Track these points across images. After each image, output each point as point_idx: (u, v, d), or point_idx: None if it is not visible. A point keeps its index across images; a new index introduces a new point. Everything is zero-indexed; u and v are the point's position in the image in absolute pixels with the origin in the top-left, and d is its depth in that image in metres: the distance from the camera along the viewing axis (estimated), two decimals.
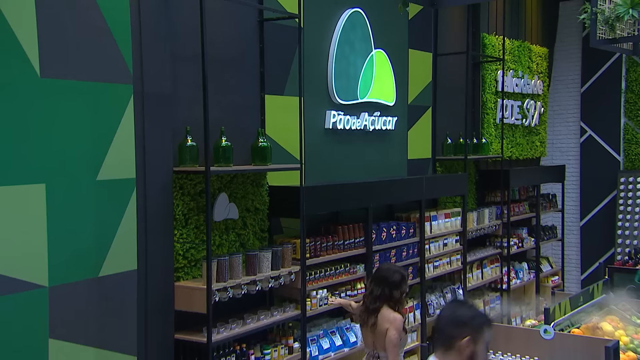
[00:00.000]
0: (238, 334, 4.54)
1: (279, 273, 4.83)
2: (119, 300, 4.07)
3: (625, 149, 9.57)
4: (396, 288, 4.43)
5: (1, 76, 3.41)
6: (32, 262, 3.58)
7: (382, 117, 6.41)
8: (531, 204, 8.80)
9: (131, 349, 4.12)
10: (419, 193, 6.38)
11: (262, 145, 4.80)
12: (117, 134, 4.02)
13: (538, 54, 9.23)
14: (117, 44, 3.99)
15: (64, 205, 3.74)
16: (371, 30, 6.20)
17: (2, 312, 3.42)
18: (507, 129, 8.43)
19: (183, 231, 4.51)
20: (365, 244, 5.80)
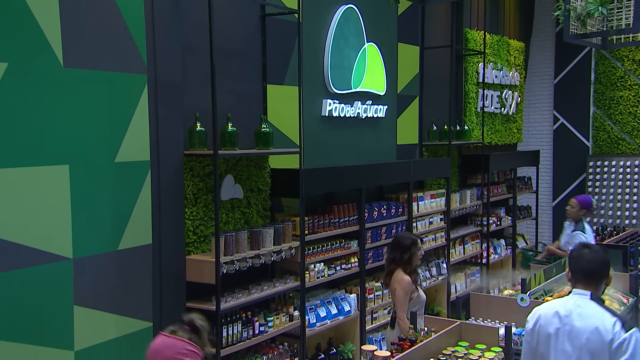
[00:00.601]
0: (244, 303, 4.56)
1: (280, 248, 4.83)
2: (136, 271, 4.11)
3: (594, 135, 9.61)
4: (406, 251, 4.60)
5: (28, 66, 3.44)
6: (58, 236, 3.63)
7: (374, 106, 6.41)
8: (508, 186, 8.84)
9: (147, 315, 4.17)
10: (407, 175, 6.40)
11: (264, 131, 4.79)
12: (133, 120, 4.05)
13: (515, 48, 9.25)
14: (132, 37, 4.01)
15: (85, 185, 3.77)
16: (364, 25, 6.19)
17: (32, 281, 3.49)
18: (487, 117, 8.46)
19: (193, 209, 4.53)
20: (358, 222, 5.81)
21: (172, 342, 2.62)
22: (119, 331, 3.99)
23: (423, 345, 3.78)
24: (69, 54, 3.63)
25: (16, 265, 3.42)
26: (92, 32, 3.78)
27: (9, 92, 3.35)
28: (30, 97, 3.46)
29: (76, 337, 3.71)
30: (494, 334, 4.01)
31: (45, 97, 3.53)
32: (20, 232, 3.43)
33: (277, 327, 4.85)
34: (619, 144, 9.44)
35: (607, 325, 2.93)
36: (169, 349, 2.60)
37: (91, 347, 3.80)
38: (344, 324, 5.67)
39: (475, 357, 3.74)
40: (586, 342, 2.94)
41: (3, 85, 3.32)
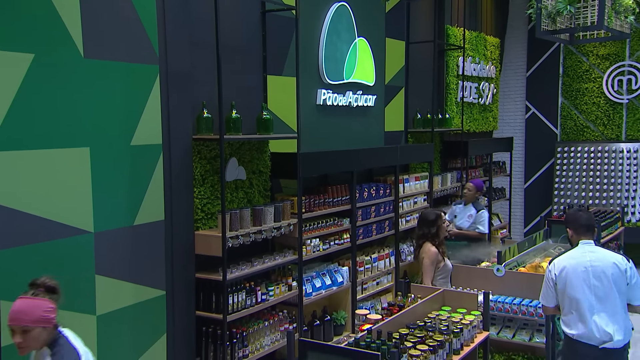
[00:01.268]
0: (247, 274, 4.59)
1: (280, 224, 4.86)
2: (150, 244, 4.14)
3: (562, 123, 9.66)
4: (432, 225, 4.71)
5: (52, 57, 3.45)
6: (81, 212, 3.66)
7: (364, 95, 6.42)
8: (485, 170, 8.85)
9: (161, 284, 4.22)
10: (394, 159, 6.41)
11: (265, 117, 4.80)
12: (146, 107, 4.06)
13: (491, 44, 9.27)
14: (145, 31, 4.01)
15: (104, 166, 3.79)
16: (355, 21, 6.19)
17: (59, 252, 3.53)
18: (466, 107, 8.47)
19: (201, 189, 4.55)
20: (350, 201, 5.82)
21: (38, 303, 2.63)
22: (135, 298, 4.03)
23: (410, 309, 3.84)
24: (88, 45, 3.64)
25: (45, 238, 3.45)
26: (109, 25, 3.79)
27: (36, 81, 3.37)
28: (54, 85, 3.47)
29: (98, 303, 3.76)
30: (474, 299, 4.08)
31: (68, 86, 3.55)
32: (48, 208, 3.46)
33: (277, 296, 4.89)
34: (584, 131, 9.50)
35: (619, 260, 3.76)
36: (36, 309, 2.61)
37: (111, 312, 3.85)
38: (337, 294, 5.71)
39: (457, 319, 3.79)
40: (611, 275, 3.71)
41: (30, 75, 3.33)
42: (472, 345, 3.71)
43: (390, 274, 6.50)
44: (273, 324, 4.89)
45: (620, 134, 9.24)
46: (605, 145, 9.20)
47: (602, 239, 6.54)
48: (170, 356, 4.32)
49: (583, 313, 3.71)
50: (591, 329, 3.68)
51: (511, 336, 4.78)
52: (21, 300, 2.66)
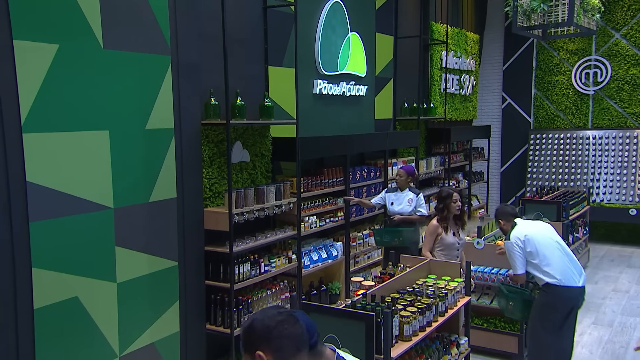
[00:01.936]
0: (251, 247, 4.63)
1: (280, 203, 4.88)
2: (164, 219, 4.15)
3: (535, 113, 9.73)
4: (442, 201, 4.71)
5: (75, 47, 3.46)
6: (102, 189, 3.67)
7: (356, 86, 6.44)
8: (465, 155, 8.93)
9: (174, 256, 4.24)
10: (383, 144, 6.45)
11: (267, 105, 4.80)
12: (160, 94, 4.05)
13: (472, 39, 9.31)
14: (158, 24, 4.00)
15: (122, 147, 3.79)
16: (348, 17, 6.20)
17: (83, 225, 3.55)
18: (448, 97, 8.52)
19: (209, 170, 4.57)
20: (344, 182, 5.89)
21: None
22: (151, 268, 4.06)
23: (400, 277, 3.90)
24: (107, 37, 3.64)
25: (70, 212, 3.48)
26: (126, 19, 3.78)
27: (60, 69, 3.37)
28: (77, 74, 3.48)
29: (118, 272, 3.79)
30: (457, 268, 4.14)
31: (89, 74, 3.55)
32: (73, 186, 3.48)
33: (278, 267, 4.93)
34: (554, 120, 9.58)
35: (548, 223, 4.38)
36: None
37: (129, 280, 3.88)
38: (332, 266, 5.78)
39: (442, 285, 3.87)
40: (552, 233, 4.24)
41: (55, 64, 3.34)
42: (455, 309, 3.80)
43: (380, 248, 6.54)
44: (275, 293, 4.93)
45: (587, 123, 9.33)
46: (573, 132, 9.29)
47: (570, 216, 6.67)
48: (183, 321, 4.36)
49: (559, 263, 4.07)
50: (570, 273, 4.06)
51: (489, 302, 4.90)
52: None
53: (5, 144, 3.14)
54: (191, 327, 4.44)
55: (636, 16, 8.80)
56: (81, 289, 3.55)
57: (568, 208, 6.61)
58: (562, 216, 6.41)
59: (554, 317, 4.02)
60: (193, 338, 4.45)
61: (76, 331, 3.52)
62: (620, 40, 8.96)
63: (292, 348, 1.55)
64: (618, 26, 8.93)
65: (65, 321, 3.46)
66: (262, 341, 1.55)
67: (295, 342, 1.56)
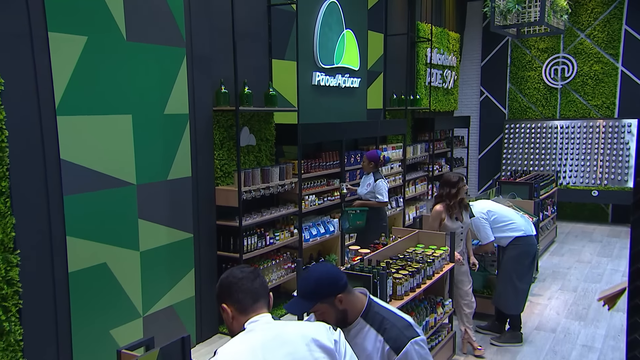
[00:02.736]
0: (258, 222, 4.69)
1: (284, 182, 4.93)
2: (181, 196, 4.21)
3: (509, 105, 9.73)
4: (454, 185, 4.10)
5: (101, 39, 3.49)
6: (126, 167, 3.72)
7: (350, 78, 6.45)
8: (447, 142, 8.93)
9: (189, 229, 4.31)
10: (374, 131, 6.48)
11: (271, 94, 4.85)
12: (176, 82, 4.09)
13: (453, 38, 9.32)
14: (175, 19, 4.04)
15: (144, 130, 3.84)
16: (343, 16, 6.21)
17: (110, 199, 3.61)
18: (433, 90, 8.53)
19: (220, 152, 4.60)
20: (340, 165, 5.91)
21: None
22: (169, 239, 4.13)
23: (392, 245, 3.94)
24: (130, 31, 3.67)
25: (99, 187, 3.54)
26: (146, 14, 3.81)
27: (89, 59, 3.41)
28: (103, 63, 3.51)
29: (140, 242, 3.86)
30: (442, 238, 4.18)
31: (114, 64, 3.58)
32: (100, 163, 3.53)
33: (282, 240, 4.99)
34: (527, 111, 9.61)
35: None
36: None
37: (151, 249, 3.95)
38: (329, 240, 5.84)
39: (429, 252, 3.96)
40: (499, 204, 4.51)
41: (84, 54, 3.37)
42: (441, 273, 3.86)
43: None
44: (278, 263, 5.00)
45: (555, 114, 9.39)
46: (543, 122, 9.37)
47: (540, 196, 6.78)
48: (198, 286, 4.45)
49: (519, 218, 4.47)
50: (528, 225, 4.48)
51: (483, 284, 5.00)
52: None
53: (42, 126, 3.18)
54: (205, 293, 4.52)
55: (598, 18, 8.89)
56: (109, 256, 3.61)
57: (539, 189, 6.70)
58: (533, 195, 6.51)
59: (525, 262, 4.37)
60: (206, 302, 4.54)
61: (105, 293, 3.60)
62: (585, 40, 9.04)
63: (250, 300, 1.55)
64: (583, 27, 9.01)
65: (96, 284, 3.53)
66: (225, 295, 1.59)
67: (252, 294, 1.56)
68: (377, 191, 5.25)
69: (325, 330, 1.48)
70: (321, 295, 1.73)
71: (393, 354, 1.72)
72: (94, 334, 3.53)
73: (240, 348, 1.41)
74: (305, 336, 1.44)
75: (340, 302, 1.75)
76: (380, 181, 5.28)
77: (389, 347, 1.73)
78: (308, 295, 1.74)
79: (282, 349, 1.41)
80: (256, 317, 1.53)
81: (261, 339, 1.43)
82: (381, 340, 1.74)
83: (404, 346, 1.71)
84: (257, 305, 1.55)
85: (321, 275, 1.74)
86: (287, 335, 1.44)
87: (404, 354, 1.70)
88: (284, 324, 1.50)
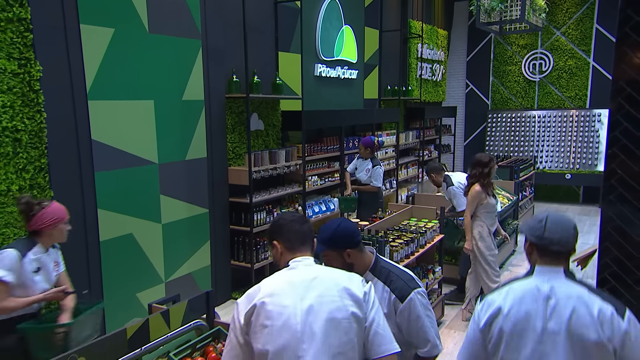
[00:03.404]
0: (266, 199, 4.74)
1: (289, 164, 4.99)
2: (197, 174, 4.26)
3: (492, 96, 9.74)
4: (485, 166, 3.96)
5: (127, 31, 3.51)
6: (149, 148, 3.76)
7: (349, 70, 6.44)
8: (436, 130, 8.97)
9: (205, 204, 4.36)
10: (371, 119, 6.50)
11: (278, 83, 4.87)
12: (193, 72, 4.11)
13: (442, 35, 9.31)
14: (191, 14, 4.05)
15: (164, 114, 3.87)
16: (342, 13, 6.20)
17: (135, 176, 3.66)
18: (423, 82, 8.54)
19: (231, 135, 4.63)
20: (339, 149, 5.95)
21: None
22: (188, 213, 4.18)
23: (388, 218, 4.07)
24: (152, 24, 3.69)
25: (125, 165, 3.58)
26: (166, 9, 3.83)
27: (116, 49, 3.44)
28: (129, 53, 3.54)
29: (162, 215, 3.91)
30: (432, 212, 4.32)
31: (138, 53, 3.61)
32: (127, 144, 3.58)
33: None
34: (508, 102, 9.63)
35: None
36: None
37: (171, 222, 4.01)
38: (330, 217, 5.81)
39: (422, 224, 4.07)
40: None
41: (112, 44, 3.40)
42: (432, 243, 3.96)
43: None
44: None
45: (534, 104, 9.43)
46: (522, 112, 9.41)
47: (520, 178, 6.88)
48: (213, 256, 4.52)
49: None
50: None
51: (457, 242, 5.09)
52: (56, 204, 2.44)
53: (75, 109, 3.23)
54: (219, 262, 4.59)
55: (572, 17, 8.92)
56: (135, 227, 3.68)
57: (518, 171, 6.80)
58: (514, 177, 6.62)
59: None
60: (221, 270, 4.61)
61: (132, 260, 3.67)
62: (560, 37, 9.06)
63: (298, 241, 1.61)
64: (559, 25, 9.03)
65: (123, 252, 3.60)
66: (277, 234, 1.64)
67: (300, 236, 1.61)
68: (373, 177, 5.35)
69: (358, 282, 1.51)
70: (333, 244, 1.79)
71: (399, 302, 1.78)
72: (122, 296, 3.61)
73: (282, 281, 1.49)
74: (338, 283, 1.48)
75: (349, 256, 1.81)
76: (378, 167, 5.34)
77: (395, 296, 1.79)
78: (323, 240, 1.80)
79: (316, 290, 1.46)
80: (300, 257, 1.58)
81: (301, 277, 1.49)
82: (388, 291, 1.80)
83: (408, 295, 1.77)
84: (303, 247, 1.61)
85: (339, 228, 1.80)
86: (323, 279, 1.49)
87: (408, 302, 1.77)
88: (323, 268, 1.56)
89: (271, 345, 1.40)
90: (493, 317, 1.57)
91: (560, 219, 1.60)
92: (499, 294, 1.61)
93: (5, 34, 2.78)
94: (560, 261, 1.57)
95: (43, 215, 2.38)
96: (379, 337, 1.46)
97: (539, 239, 1.58)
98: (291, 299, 1.44)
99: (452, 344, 3.80)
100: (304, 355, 1.39)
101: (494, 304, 1.59)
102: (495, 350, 1.58)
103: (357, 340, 1.45)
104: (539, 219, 1.62)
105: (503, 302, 1.57)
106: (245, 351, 1.45)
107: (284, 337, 1.40)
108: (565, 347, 1.48)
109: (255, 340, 1.43)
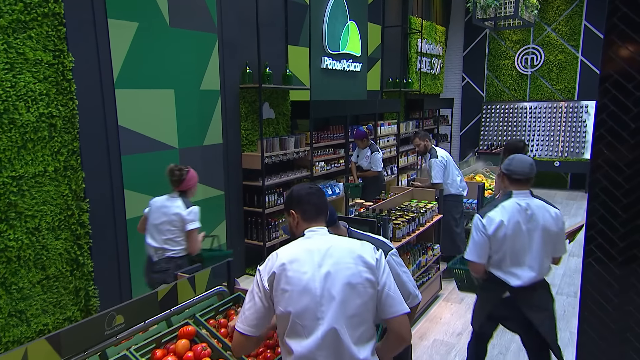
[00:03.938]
0: (277, 183, 4.78)
1: (298, 150, 5.01)
2: (214, 159, 4.31)
3: (487, 89, 9.70)
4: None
5: (149, 25, 3.54)
6: (170, 134, 3.81)
7: (353, 63, 6.43)
8: (434, 120, 8.95)
9: (221, 187, 4.42)
10: (373, 109, 6.48)
11: (288, 74, 4.89)
12: (209, 63, 4.15)
13: (440, 30, 9.25)
14: (208, 9, 4.07)
15: (184, 103, 3.91)
16: (347, 9, 6.18)
17: (158, 160, 3.70)
18: (422, 75, 8.51)
19: (245, 123, 4.66)
20: (344, 137, 5.96)
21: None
22: (205, 195, 4.24)
23: (391, 199, 4.09)
24: (172, 18, 3.72)
25: (149, 149, 3.64)
26: (185, 4, 3.84)
27: (139, 42, 3.47)
28: (151, 45, 3.57)
29: None
30: (432, 194, 4.32)
31: (160, 46, 3.65)
32: (150, 130, 3.63)
33: None
34: (501, 94, 9.60)
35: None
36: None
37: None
38: (335, 201, 5.93)
39: (422, 205, 4.09)
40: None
41: (136, 37, 3.43)
42: (432, 222, 3.99)
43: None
44: None
45: (525, 96, 9.40)
46: (515, 104, 9.39)
47: None
48: (229, 235, 4.58)
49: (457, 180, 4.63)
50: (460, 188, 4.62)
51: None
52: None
53: (104, 97, 3.28)
54: (234, 240, 4.66)
55: (562, 14, 8.84)
56: None
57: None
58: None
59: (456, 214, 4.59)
60: (235, 248, 4.67)
61: None
62: (551, 33, 8.99)
63: (314, 212, 1.62)
64: (549, 21, 8.96)
65: None
66: (294, 204, 1.65)
67: (316, 208, 1.62)
68: (373, 163, 5.50)
69: (370, 250, 1.54)
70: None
71: None
72: None
73: (299, 249, 1.53)
74: (352, 252, 1.51)
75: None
76: (376, 154, 5.50)
77: None
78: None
79: (332, 258, 1.49)
80: (315, 227, 1.60)
81: (317, 246, 1.53)
82: None
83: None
84: (318, 218, 1.63)
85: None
86: (339, 247, 1.52)
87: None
88: (337, 238, 1.59)
89: (292, 307, 1.45)
90: (498, 227, 2.25)
91: (522, 158, 2.28)
92: (496, 211, 2.27)
93: (42, 27, 2.82)
94: (525, 186, 2.28)
95: (190, 177, 2.91)
96: (390, 299, 1.51)
97: (508, 171, 2.28)
98: (309, 266, 1.48)
99: (449, 314, 3.87)
100: (322, 316, 1.44)
101: (497, 218, 2.25)
102: (499, 246, 2.25)
103: (371, 303, 1.49)
104: (509, 159, 2.30)
105: (502, 216, 2.25)
106: (271, 313, 1.52)
107: (305, 300, 1.45)
108: (540, 237, 2.24)
109: (276, 303, 1.48)
